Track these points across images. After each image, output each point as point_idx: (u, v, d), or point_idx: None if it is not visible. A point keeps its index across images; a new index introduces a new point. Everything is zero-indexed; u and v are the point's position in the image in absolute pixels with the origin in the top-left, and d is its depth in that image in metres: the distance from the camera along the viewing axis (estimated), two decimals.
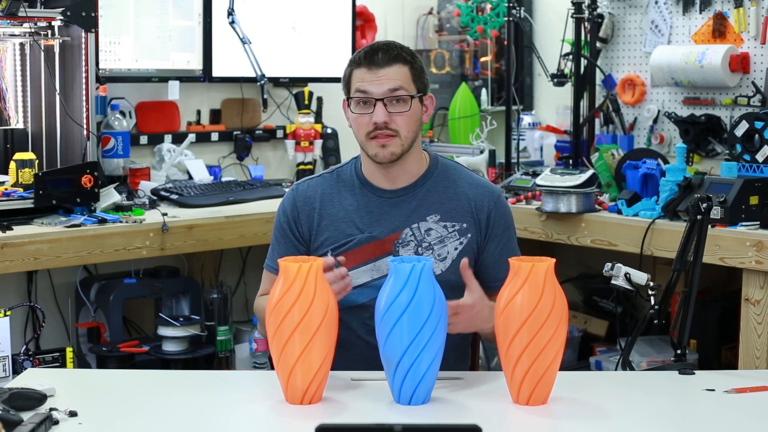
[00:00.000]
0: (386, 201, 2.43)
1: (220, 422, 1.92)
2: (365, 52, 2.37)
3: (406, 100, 2.35)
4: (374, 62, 2.34)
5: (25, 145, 3.47)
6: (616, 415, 1.96)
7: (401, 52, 2.37)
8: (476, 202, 2.44)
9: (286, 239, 2.46)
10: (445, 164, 2.50)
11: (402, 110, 2.35)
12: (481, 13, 4.52)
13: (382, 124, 2.34)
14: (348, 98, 2.40)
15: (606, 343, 4.08)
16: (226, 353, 3.74)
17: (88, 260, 3.23)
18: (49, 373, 2.28)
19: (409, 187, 2.44)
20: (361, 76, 2.36)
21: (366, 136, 2.36)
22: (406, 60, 2.37)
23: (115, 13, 3.70)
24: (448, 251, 2.41)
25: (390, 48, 2.37)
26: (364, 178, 2.45)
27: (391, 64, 2.34)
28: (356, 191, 2.44)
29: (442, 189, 2.45)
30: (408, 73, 2.37)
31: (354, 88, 2.37)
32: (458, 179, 2.47)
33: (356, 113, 2.37)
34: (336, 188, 2.46)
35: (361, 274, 2.40)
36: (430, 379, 1.97)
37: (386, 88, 2.34)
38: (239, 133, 4.23)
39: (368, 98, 2.34)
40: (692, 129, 3.79)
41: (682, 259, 2.33)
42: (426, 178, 2.45)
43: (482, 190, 2.46)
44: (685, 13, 3.94)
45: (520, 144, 4.17)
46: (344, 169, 2.49)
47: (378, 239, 2.40)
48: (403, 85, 2.35)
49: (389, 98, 2.34)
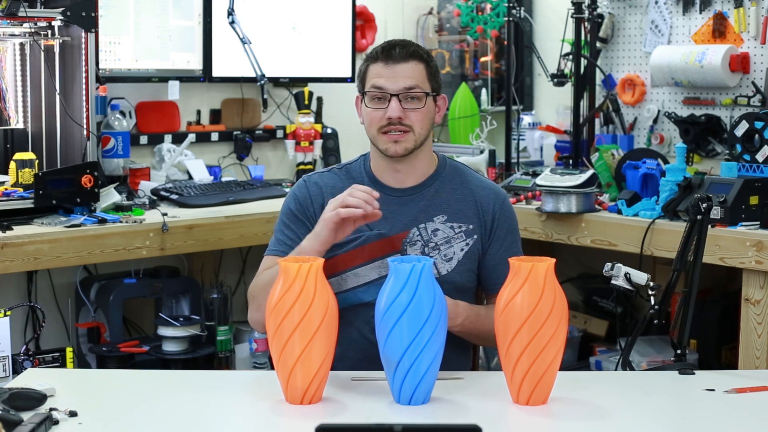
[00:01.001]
0: (395, 199, 2.42)
1: (220, 422, 1.92)
2: (382, 47, 2.38)
3: (420, 98, 2.36)
4: (391, 57, 2.35)
5: (25, 145, 3.47)
6: (616, 415, 1.96)
7: (418, 50, 2.39)
8: (482, 203, 2.44)
9: (297, 222, 2.43)
10: (453, 166, 2.50)
11: (416, 107, 2.36)
12: (481, 13, 4.52)
13: (396, 119, 2.34)
14: (363, 93, 2.40)
15: (606, 343, 4.08)
16: (226, 353, 3.74)
17: (88, 260, 3.23)
18: (49, 373, 2.28)
19: (418, 186, 2.44)
20: (377, 71, 2.36)
21: (378, 130, 2.37)
22: (422, 57, 2.38)
23: (115, 13, 3.70)
24: (455, 252, 2.40)
25: (407, 45, 2.39)
26: (373, 175, 2.45)
27: (407, 60, 2.36)
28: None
29: (449, 190, 2.45)
30: (424, 70, 2.38)
31: (369, 83, 2.37)
32: (466, 181, 2.47)
33: (370, 107, 2.37)
34: (346, 183, 2.44)
35: (369, 270, 2.39)
36: (430, 379, 1.97)
37: (402, 85, 2.34)
38: (239, 133, 4.23)
39: (383, 93, 2.35)
40: (692, 129, 3.79)
41: (682, 259, 2.33)
42: (434, 178, 2.45)
43: (489, 192, 2.47)
44: (685, 13, 3.94)
45: (520, 144, 4.17)
46: (353, 166, 2.49)
47: (386, 237, 2.39)
48: (418, 83, 2.36)
49: (404, 95, 2.35)
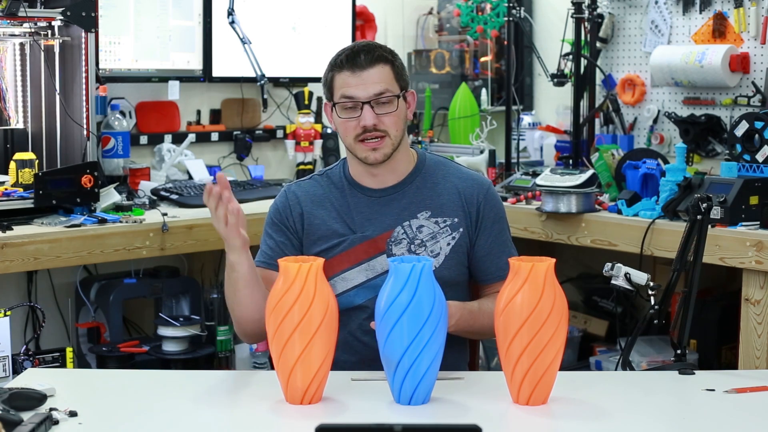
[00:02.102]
0: (376, 200, 2.42)
1: (220, 422, 1.92)
2: (346, 55, 2.35)
3: (392, 101, 2.35)
4: (357, 64, 2.33)
5: (25, 145, 3.47)
6: (616, 415, 1.96)
7: (382, 52, 2.36)
8: (466, 194, 2.43)
9: (280, 231, 2.45)
10: (433, 160, 2.49)
11: (389, 111, 2.34)
12: (481, 13, 4.52)
13: (371, 126, 2.33)
14: (333, 103, 2.38)
15: (606, 343, 4.08)
16: (226, 353, 3.74)
17: (88, 260, 3.24)
18: (49, 373, 2.28)
19: (398, 185, 2.43)
20: (344, 80, 2.34)
21: (354, 139, 2.35)
22: (387, 59, 2.36)
23: (115, 13, 3.70)
24: (441, 247, 2.40)
25: (371, 49, 2.35)
26: (353, 179, 2.45)
27: (373, 65, 2.33)
28: (346, 192, 2.44)
29: (431, 185, 2.44)
30: (390, 72, 2.35)
31: (338, 93, 2.35)
32: (447, 174, 2.46)
33: (343, 118, 2.36)
34: (326, 189, 2.45)
35: (357, 274, 2.40)
36: (430, 379, 1.97)
37: (371, 92, 2.32)
38: (239, 133, 4.23)
39: (354, 102, 2.33)
40: (692, 129, 3.78)
41: (682, 259, 2.33)
42: (414, 175, 2.44)
43: (471, 182, 2.45)
44: (685, 13, 3.93)
45: (520, 144, 4.17)
46: (333, 171, 2.49)
47: (370, 238, 2.40)
48: (387, 87, 2.34)
49: (375, 101, 2.33)
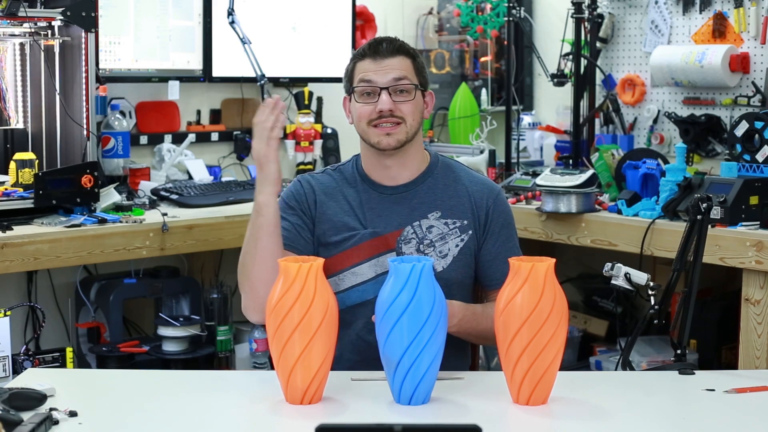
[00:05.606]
0: (387, 197, 2.43)
1: (220, 422, 1.92)
2: (369, 44, 2.40)
3: (410, 90, 2.37)
4: (378, 52, 2.37)
5: (25, 145, 3.47)
6: (616, 415, 1.96)
7: (404, 45, 2.42)
8: (476, 198, 2.44)
9: (295, 215, 2.42)
10: (446, 162, 2.50)
11: (407, 99, 2.37)
12: (481, 13, 4.52)
13: (387, 111, 2.35)
14: (351, 90, 2.40)
15: (606, 343, 4.08)
16: (226, 353, 3.74)
17: (88, 260, 3.24)
18: (49, 373, 2.28)
19: (411, 183, 2.44)
20: (365, 67, 2.38)
21: (368, 123, 2.37)
22: (409, 53, 2.41)
23: (115, 13, 3.69)
24: (450, 248, 2.40)
25: (394, 40, 2.41)
26: (365, 174, 2.45)
27: (395, 55, 2.38)
28: (358, 188, 2.44)
29: (443, 186, 2.45)
30: (411, 65, 2.40)
31: (357, 78, 2.38)
32: (459, 177, 2.47)
33: (360, 103, 2.37)
34: (339, 183, 2.46)
35: (366, 269, 2.40)
36: (430, 379, 1.97)
37: (391, 77, 2.36)
38: (239, 133, 4.23)
39: (373, 87, 2.35)
40: (692, 129, 3.78)
41: (682, 259, 2.33)
42: (427, 175, 2.45)
43: (482, 187, 2.47)
44: (685, 13, 3.93)
45: (520, 144, 4.17)
46: (346, 167, 2.50)
47: (381, 235, 2.40)
48: (407, 75, 2.37)
49: (394, 87, 2.35)
